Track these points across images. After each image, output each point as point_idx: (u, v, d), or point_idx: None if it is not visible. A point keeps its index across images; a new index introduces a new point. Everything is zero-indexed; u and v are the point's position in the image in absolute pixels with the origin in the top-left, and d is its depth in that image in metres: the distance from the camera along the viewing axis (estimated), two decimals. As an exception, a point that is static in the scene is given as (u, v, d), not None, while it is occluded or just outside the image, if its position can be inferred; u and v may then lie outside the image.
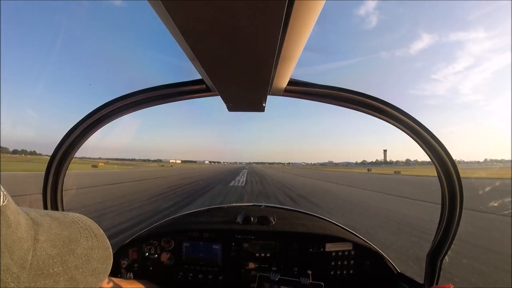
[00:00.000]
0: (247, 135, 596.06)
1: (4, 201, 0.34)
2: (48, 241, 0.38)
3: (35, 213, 0.42)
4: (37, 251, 0.36)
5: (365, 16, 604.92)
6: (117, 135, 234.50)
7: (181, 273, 1.37)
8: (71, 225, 0.45)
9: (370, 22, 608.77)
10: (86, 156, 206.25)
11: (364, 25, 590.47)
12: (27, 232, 0.36)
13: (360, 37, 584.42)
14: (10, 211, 0.34)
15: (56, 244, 0.39)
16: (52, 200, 1.24)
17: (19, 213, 0.37)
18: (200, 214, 1.61)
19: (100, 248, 0.46)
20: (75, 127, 1.15)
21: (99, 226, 0.51)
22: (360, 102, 1.07)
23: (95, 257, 0.44)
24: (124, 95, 1.11)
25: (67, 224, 0.45)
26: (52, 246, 0.38)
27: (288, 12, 0.54)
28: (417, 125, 1.04)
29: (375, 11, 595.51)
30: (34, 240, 0.36)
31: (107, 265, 0.47)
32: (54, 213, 0.46)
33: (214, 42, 0.60)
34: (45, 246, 0.37)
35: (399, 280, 1.31)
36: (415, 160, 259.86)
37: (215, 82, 0.86)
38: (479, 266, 4.56)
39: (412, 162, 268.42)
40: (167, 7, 0.48)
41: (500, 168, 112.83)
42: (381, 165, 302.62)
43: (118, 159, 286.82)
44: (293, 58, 0.77)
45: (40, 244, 0.37)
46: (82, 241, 0.44)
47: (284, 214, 1.58)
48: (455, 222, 1.05)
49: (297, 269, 1.32)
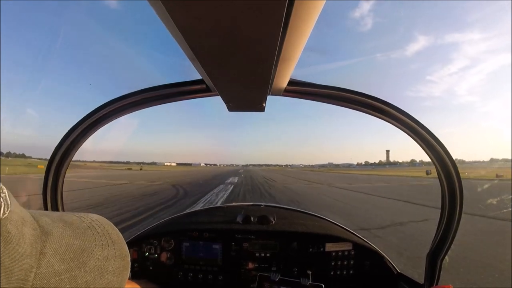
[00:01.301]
0: (243, 137, 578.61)
1: (5, 212, 0.30)
2: (56, 254, 0.34)
3: (47, 219, 0.37)
4: (42, 268, 0.31)
5: (360, 19, 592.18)
6: (112, 138, 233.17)
7: (181, 273, 1.37)
8: (86, 231, 0.40)
9: (366, 24, 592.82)
10: (81, 159, 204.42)
11: (363, 26, 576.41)
12: (31, 246, 0.31)
13: (360, 37, 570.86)
14: (12, 223, 0.30)
15: (65, 257, 0.34)
16: (52, 201, 1.24)
17: (24, 223, 0.32)
18: (200, 214, 1.61)
19: (117, 257, 0.42)
20: (74, 127, 1.15)
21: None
22: (360, 102, 1.07)
23: (110, 269, 0.39)
24: (124, 95, 1.11)
25: (81, 231, 0.40)
26: (60, 260, 0.34)
27: (288, 12, 0.54)
28: (417, 125, 1.04)
29: (370, 13, 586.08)
30: (40, 255, 0.32)
31: (123, 277, 0.42)
32: (70, 217, 0.42)
33: (214, 42, 0.60)
34: (52, 260, 0.33)
35: (399, 280, 1.31)
36: (420, 161, 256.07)
37: (215, 82, 0.86)
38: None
39: (417, 163, 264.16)
40: (167, 7, 0.48)
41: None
42: (385, 166, 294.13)
43: (113, 162, 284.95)
44: (293, 58, 0.77)
45: (46, 259, 0.32)
46: (97, 250, 0.39)
47: (284, 213, 1.58)
48: (455, 222, 1.05)
49: (297, 269, 1.32)
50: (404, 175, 52.87)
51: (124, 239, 0.47)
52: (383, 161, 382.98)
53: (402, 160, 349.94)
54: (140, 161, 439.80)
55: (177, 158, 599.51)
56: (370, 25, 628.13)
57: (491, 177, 34.44)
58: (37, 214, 0.37)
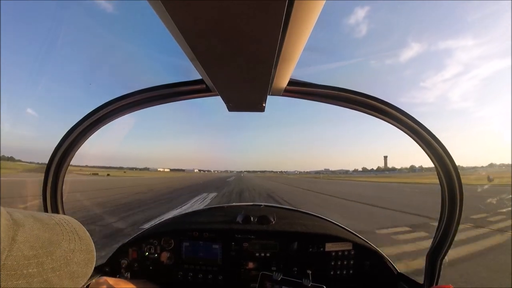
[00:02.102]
0: (239, 145, 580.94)
1: None
2: (26, 242, 0.38)
3: (19, 214, 0.42)
4: (13, 252, 0.36)
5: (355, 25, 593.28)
6: (106, 142, 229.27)
7: (181, 273, 1.37)
8: (54, 227, 0.45)
9: (368, 25, 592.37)
10: (75, 163, 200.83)
11: (363, 27, 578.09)
12: (5, 233, 0.36)
13: (359, 37, 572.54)
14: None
15: (34, 245, 0.39)
16: (52, 202, 1.24)
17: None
18: (200, 214, 1.61)
19: (83, 251, 0.46)
20: (74, 127, 1.15)
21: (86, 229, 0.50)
22: (360, 102, 1.07)
23: (76, 260, 0.44)
24: (124, 95, 1.11)
25: (50, 226, 0.45)
26: (29, 247, 0.38)
27: (288, 12, 0.54)
28: (417, 125, 1.04)
29: (365, 20, 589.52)
30: (12, 241, 0.37)
31: (88, 269, 0.46)
32: (41, 215, 0.46)
33: (214, 42, 0.60)
34: (22, 247, 0.37)
35: (398, 280, 1.31)
36: (420, 166, 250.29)
37: (215, 82, 0.86)
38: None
39: (417, 169, 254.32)
40: (167, 7, 0.48)
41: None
42: (384, 172, 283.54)
43: (105, 167, 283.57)
44: (293, 58, 0.77)
45: (17, 244, 0.37)
46: (64, 243, 0.44)
47: (284, 213, 1.58)
48: (455, 222, 1.05)
49: (297, 269, 1.32)
50: (428, 182, 38.17)
51: (91, 237, 0.52)
52: (381, 167, 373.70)
53: (401, 166, 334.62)
54: (133, 166, 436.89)
55: (171, 164, 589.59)
56: (371, 27, 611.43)
57: (483, 182, 32.88)
58: (10, 210, 0.42)
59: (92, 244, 0.50)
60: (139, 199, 15.50)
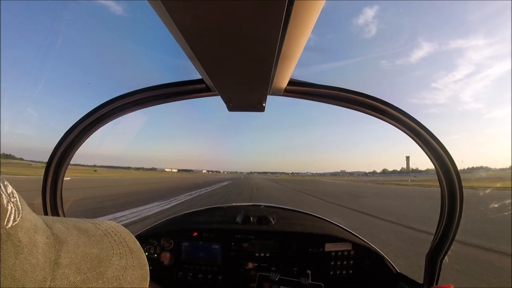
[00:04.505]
0: (248, 145, 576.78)
1: (16, 219, 0.26)
2: (72, 264, 0.31)
3: (61, 225, 0.34)
4: (57, 280, 0.29)
5: (364, 24, 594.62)
6: (115, 142, 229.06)
7: (180, 273, 1.37)
8: (102, 239, 0.38)
9: (366, 26, 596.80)
10: (80, 163, 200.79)
11: (365, 28, 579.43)
12: (44, 256, 0.28)
13: (360, 37, 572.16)
14: (24, 231, 0.27)
15: (81, 267, 0.32)
16: (52, 203, 1.23)
17: (36, 231, 0.29)
18: (199, 214, 1.61)
19: (136, 266, 0.39)
20: (74, 127, 1.14)
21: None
22: (360, 102, 1.07)
23: (129, 279, 0.37)
24: (124, 94, 1.10)
25: (97, 239, 0.37)
26: (76, 271, 0.31)
27: (288, 12, 0.54)
28: (417, 126, 1.04)
29: (374, 19, 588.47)
30: (54, 265, 0.29)
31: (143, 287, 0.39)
32: (85, 223, 0.39)
33: (214, 42, 0.60)
34: (68, 272, 0.30)
35: (398, 280, 1.31)
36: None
37: (215, 82, 0.86)
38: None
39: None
40: (167, 7, 0.48)
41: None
42: (408, 174, 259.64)
43: (113, 166, 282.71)
44: (293, 58, 0.76)
45: (61, 270, 0.30)
46: (115, 260, 0.37)
47: (283, 214, 1.58)
48: (455, 222, 1.05)
49: (297, 269, 1.31)
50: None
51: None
52: (404, 168, 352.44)
53: (425, 168, 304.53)
54: (140, 166, 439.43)
55: (179, 164, 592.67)
56: (373, 30, 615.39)
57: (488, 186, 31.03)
58: (50, 221, 0.34)
59: (144, 257, 0.42)
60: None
